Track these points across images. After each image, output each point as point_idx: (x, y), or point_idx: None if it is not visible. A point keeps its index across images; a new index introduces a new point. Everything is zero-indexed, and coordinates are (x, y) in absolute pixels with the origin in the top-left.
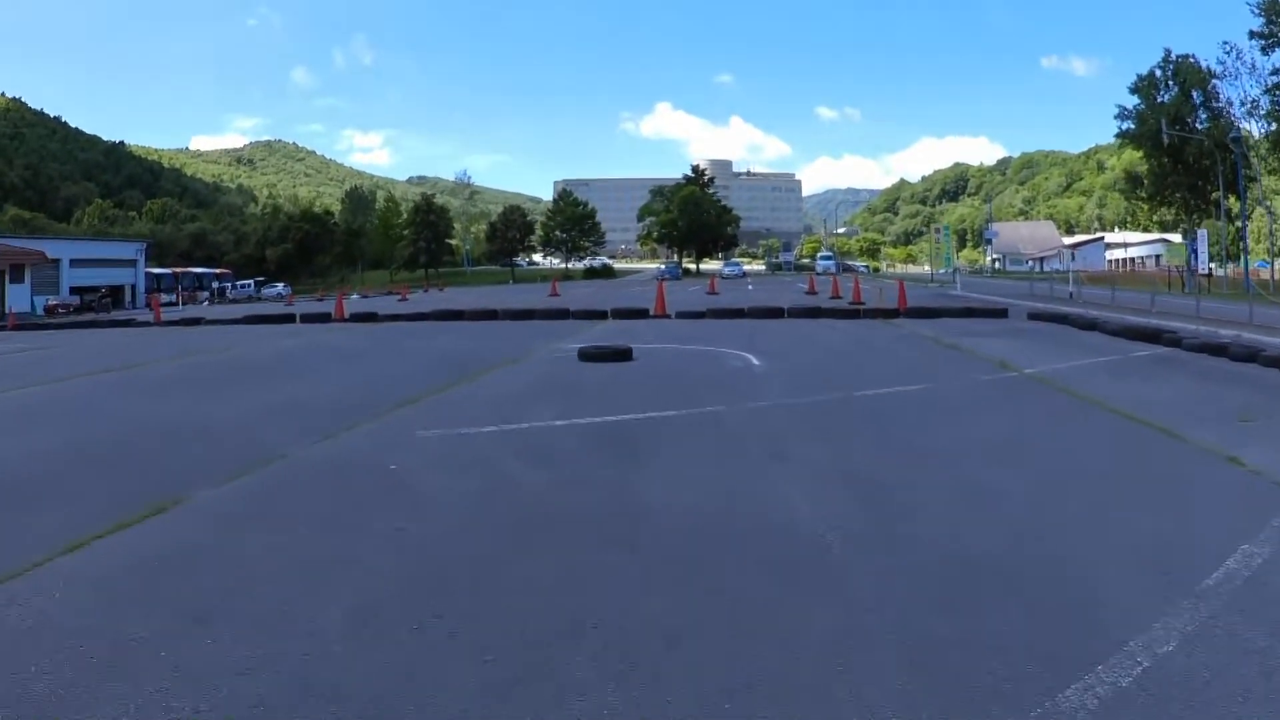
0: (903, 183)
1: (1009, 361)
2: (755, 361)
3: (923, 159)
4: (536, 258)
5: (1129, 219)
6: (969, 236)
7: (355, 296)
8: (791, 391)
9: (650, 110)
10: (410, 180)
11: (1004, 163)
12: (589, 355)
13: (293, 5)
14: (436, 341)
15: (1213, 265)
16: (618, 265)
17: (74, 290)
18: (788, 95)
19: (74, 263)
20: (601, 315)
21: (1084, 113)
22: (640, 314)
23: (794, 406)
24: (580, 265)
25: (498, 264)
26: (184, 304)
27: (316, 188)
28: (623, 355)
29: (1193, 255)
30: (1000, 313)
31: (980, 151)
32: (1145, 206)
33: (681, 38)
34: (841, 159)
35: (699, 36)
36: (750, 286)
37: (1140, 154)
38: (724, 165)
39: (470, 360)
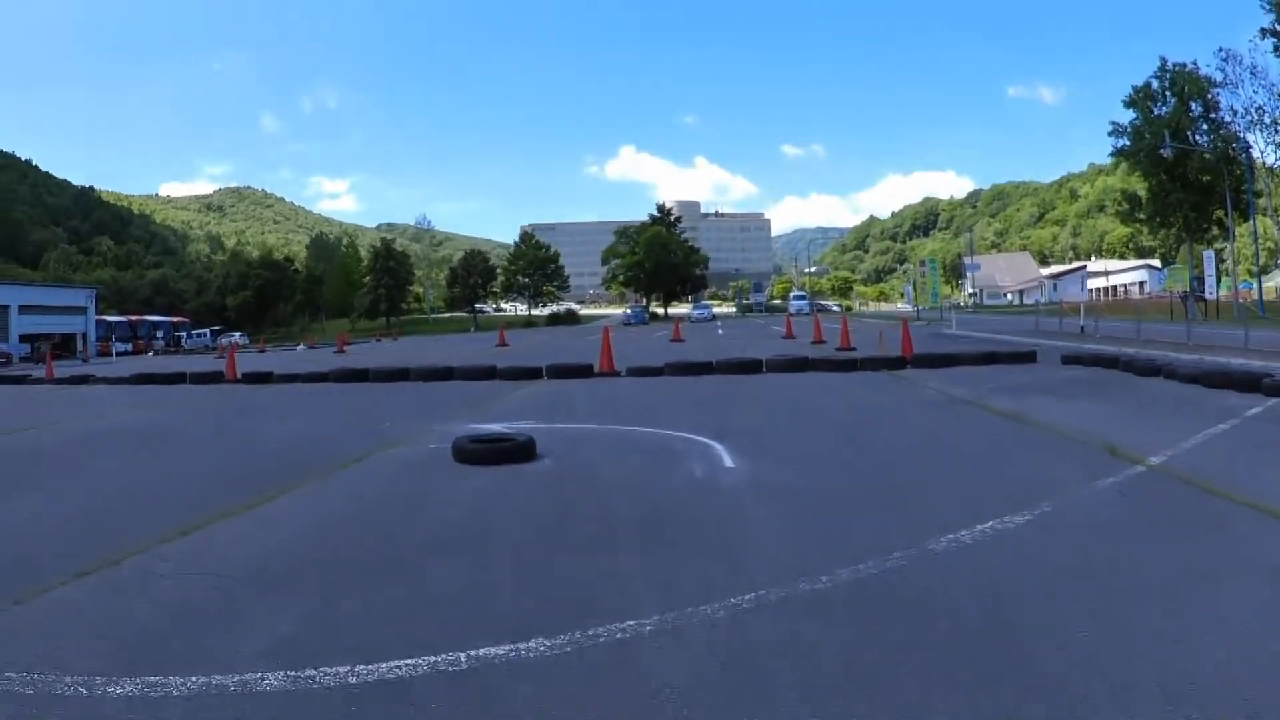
0: (872, 219)
1: (1113, 444)
2: (728, 461)
3: (890, 195)
4: (505, 305)
5: (1104, 246)
6: (943, 271)
7: (301, 347)
8: (801, 544)
9: (614, 154)
10: (379, 227)
11: (974, 195)
12: (468, 455)
13: (259, 49)
14: (287, 422)
15: (1199, 292)
16: (584, 310)
17: (24, 339)
18: (752, 134)
19: (23, 309)
20: (534, 374)
21: (1054, 142)
22: (583, 371)
23: (819, 603)
24: (545, 311)
25: (462, 310)
26: (139, 353)
27: (285, 234)
28: (519, 454)
29: (1195, 280)
30: (1028, 357)
31: (948, 185)
32: (1145, 229)
33: (644, 80)
34: (809, 198)
35: (662, 79)
36: (721, 331)
37: (1131, 174)
38: (691, 206)
39: (291, 461)
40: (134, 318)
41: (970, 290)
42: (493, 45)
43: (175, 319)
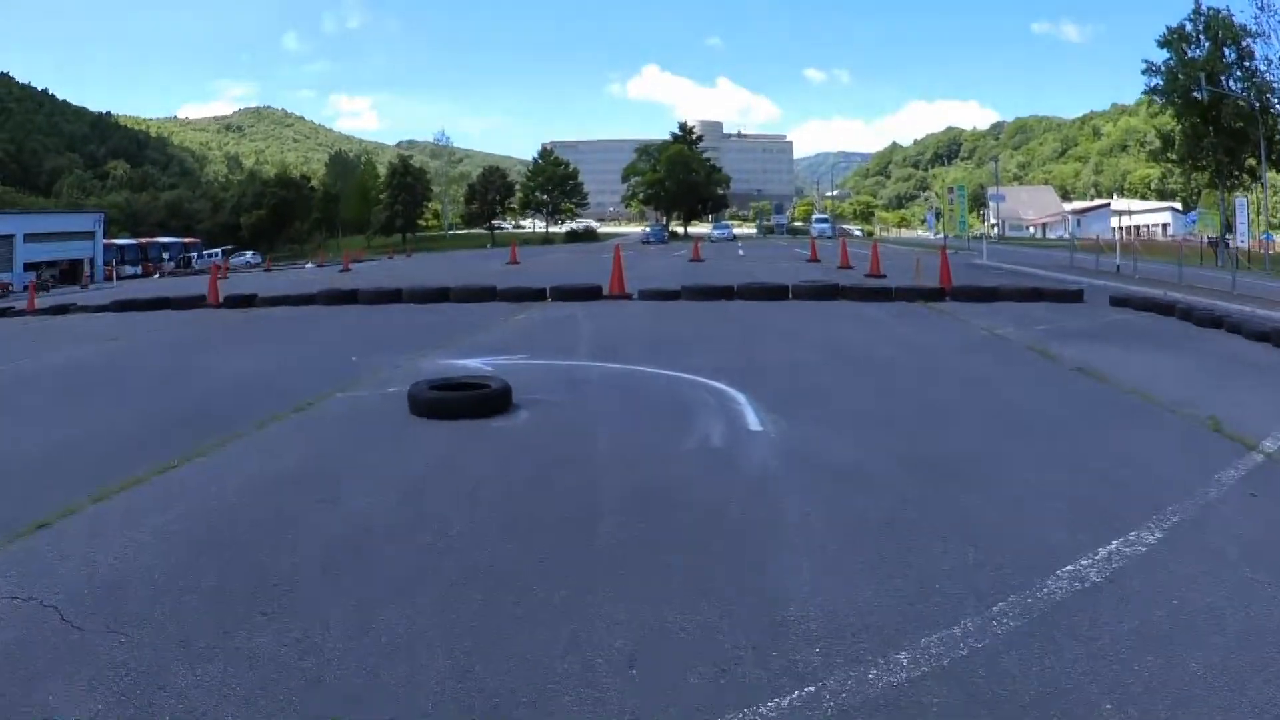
0: (895, 146)
1: (1213, 416)
2: (753, 421)
3: (914, 123)
4: (524, 222)
5: (1125, 186)
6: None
7: (310, 266)
8: (858, 580)
9: (637, 72)
10: (400, 144)
11: (997, 127)
12: (426, 406)
13: None
14: (248, 355)
15: (1229, 237)
16: (603, 228)
17: (29, 266)
18: (776, 57)
19: (29, 237)
20: (537, 296)
21: (1077, 79)
22: (591, 294)
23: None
24: (563, 229)
25: (480, 227)
26: (148, 275)
27: (305, 153)
28: (488, 405)
29: (1225, 226)
30: (1074, 296)
31: (971, 116)
32: (1177, 170)
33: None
34: (832, 121)
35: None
36: (741, 252)
37: (1161, 113)
38: (714, 126)
39: (224, 410)
40: (144, 240)
41: (993, 221)
42: None
43: (186, 240)
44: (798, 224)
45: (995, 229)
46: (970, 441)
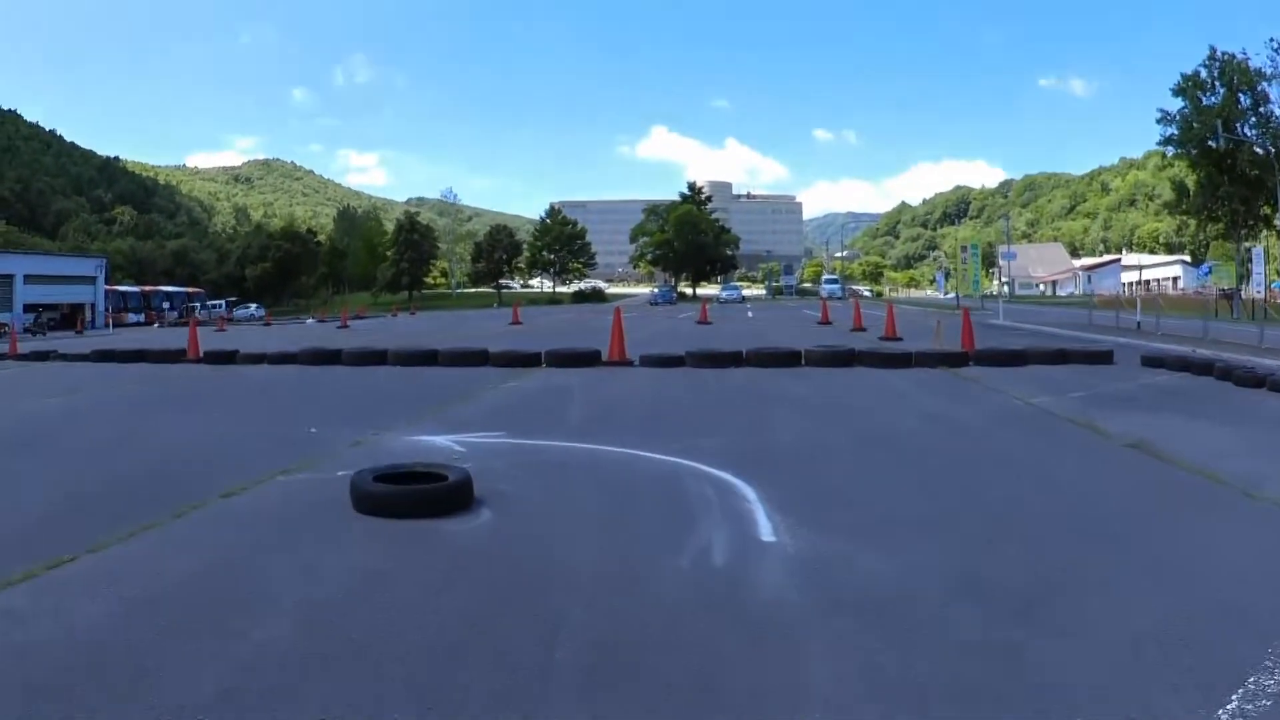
0: (904, 205)
1: None
2: (765, 527)
3: (921, 183)
4: (532, 281)
5: (1133, 240)
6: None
7: (311, 321)
8: None
9: (646, 134)
10: (409, 201)
11: (1006, 185)
12: (371, 501)
13: (289, 23)
14: (200, 420)
15: (1240, 288)
16: (611, 289)
17: (29, 308)
18: (784, 118)
19: (29, 279)
20: (531, 361)
21: (1085, 134)
22: (588, 359)
23: None
24: (571, 288)
25: (488, 286)
26: (150, 323)
27: (313, 207)
28: (443, 503)
29: (1242, 277)
30: (1103, 357)
31: (979, 175)
32: (1192, 221)
33: (676, 61)
34: (840, 183)
35: (694, 60)
36: (750, 314)
37: (1167, 167)
38: (723, 187)
39: (142, 491)
40: (147, 289)
41: (1003, 280)
42: (525, 23)
43: (190, 290)
44: (806, 285)
45: (1005, 287)
46: (1034, 555)
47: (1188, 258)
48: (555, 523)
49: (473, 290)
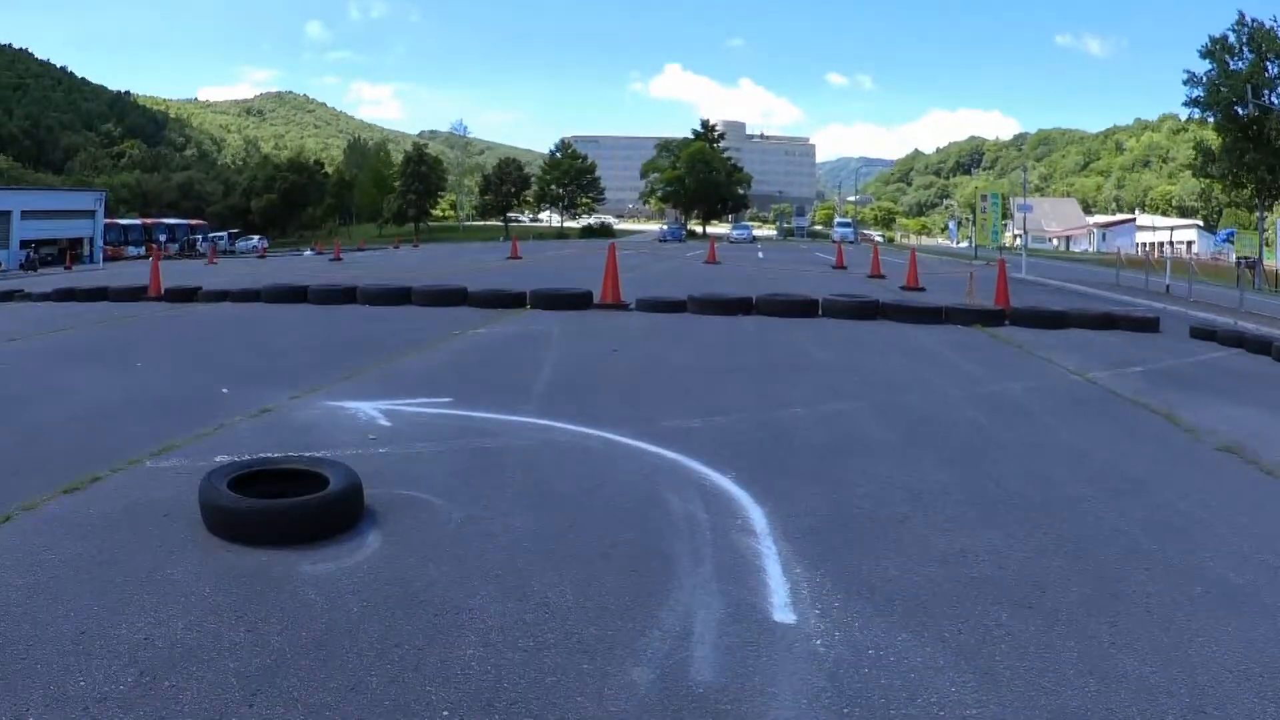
0: (917, 153)
1: None
2: (777, 586)
3: (935, 131)
4: (542, 215)
5: (1146, 202)
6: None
7: (308, 253)
8: None
9: (660, 71)
10: (421, 135)
11: (1020, 138)
12: (223, 519)
13: None
14: (115, 374)
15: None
16: (621, 225)
17: (25, 244)
18: (799, 60)
19: (26, 214)
20: (515, 302)
21: (1100, 93)
22: (579, 302)
23: None
24: (580, 224)
25: (495, 219)
26: (150, 257)
27: (325, 139)
28: (308, 524)
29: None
30: (1150, 325)
31: (994, 126)
32: (1218, 185)
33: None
34: (854, 127)
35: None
36: (761, 254)
37: (1201, 127)
38: (737, 127)
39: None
40: (148, 221)
41: (1017, 232)
42: None
43: (193, 222)
44: (818, 227)
45: (1019, 240)
46: (1184, 655)
47: (1200, 222)
48: (464, 565)
49: (480, 224)
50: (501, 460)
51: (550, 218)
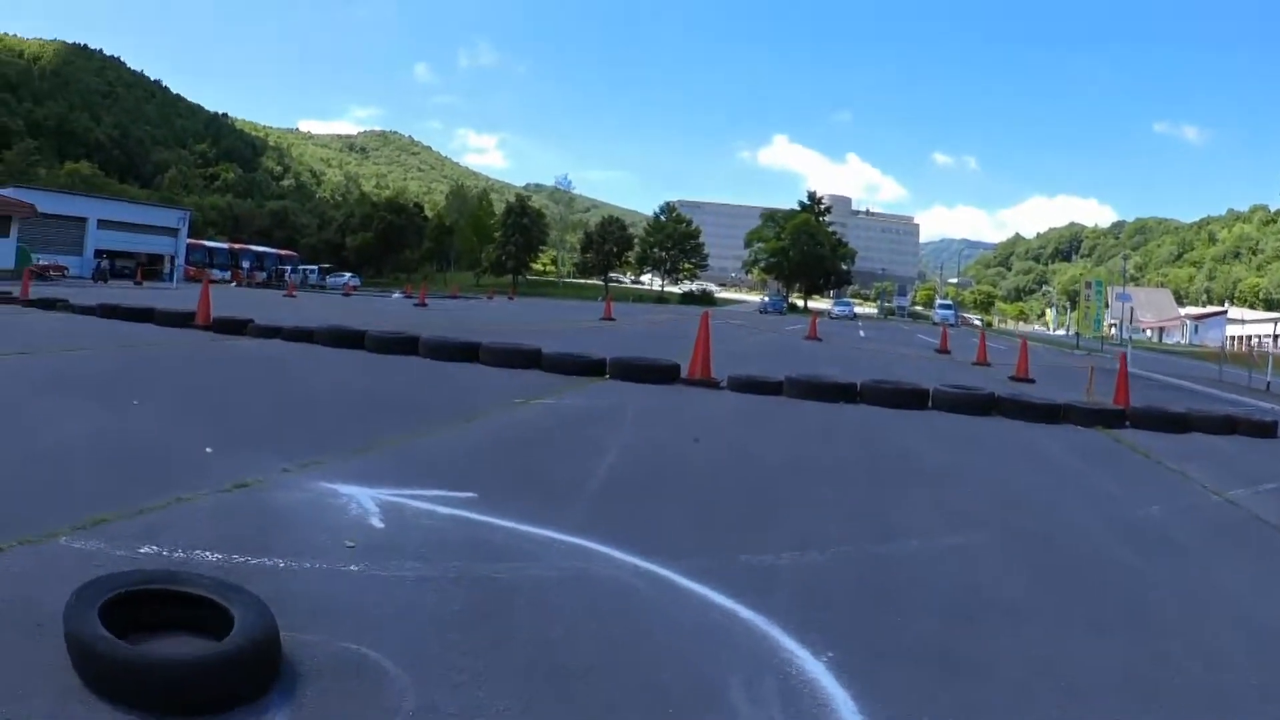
0: (1018, 237)
1: None
2: None
3: (1034, 217)
4: (643, 277)
5: (1235, 294)
6: (1079, 299)
7: (397, 295)
8: None
9: (768, 141)
10: (526, 187)
11: (1118, 226)
12: (94, 665)
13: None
14: (88, 420)
15: None
16: (721, 293)
17: (99, 254)
18: (906, 138)
19: (103, 224)
20: (593, 370)
21: (1195, 182)
22: (664, 375)
23: None
24: (679, 289)
25: (596, 278)
26: (237, 283)
27: (428, 184)
28: (192, 689)
29: None
30: (1269, 430)
31: (1090, 213)
32: None
33: (802, 71)
34: (956, 209)
35: (820, 71)
36: (862, 333)
37: None
38: (843, 201)
39: None
40: (235, 245)
41: (1111, 322)
42: (652, 20)
43: (283, 252)
44: (918, 308)
45: (1114, 330)
46: None
47: None
48: None
49: (580, 281)
50: (509, 603)
51: (651, 281)
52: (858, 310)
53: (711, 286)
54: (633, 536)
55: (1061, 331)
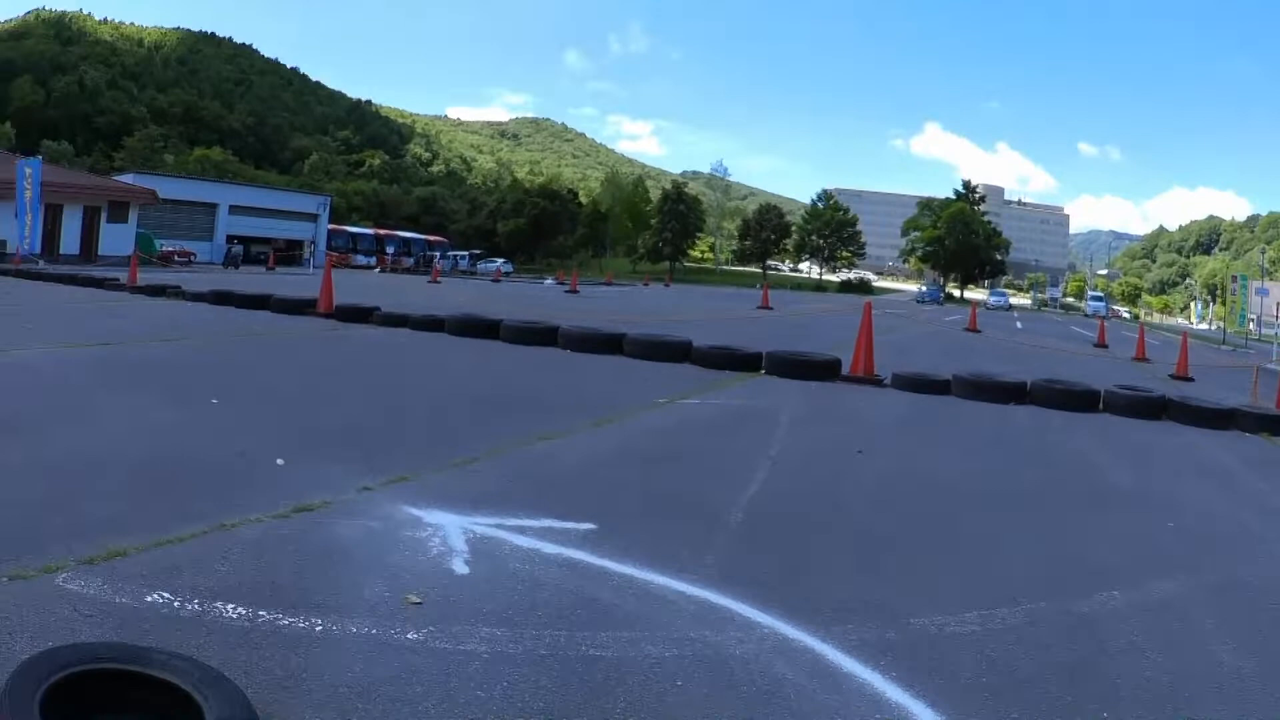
0: (1161, 229)
1: None
2: None
3: (1176, 208)
4: (802, 265)
5: None
6: (1219, 293)
7: (549, 282)
8: None
9: (920, 129)
10: (682, 174)
11: (1253, 220)
12: None
13: None
14: (150, 416)
15: None
16: (878, 282)
17: (231, 239)
18: (1053, 127)
19: (234, 209)
20: (747, 364)
21: None
22: (825, 371)
23: None
24: (837, 277)
25: (753, 265)
26: (383, 269)
27: (583, 170)
28: None
29: None
30: None
31: (1228, 205)
32: None
33: (955, 58)
34: (1103, 199)
35: (971, 58)
36: (1019, 324)
37: None
38: (995, 191)
39: None
40: (381, 231)
41: (1251, 316)
42: (803, 4)
43: (431, 238)
44: (1069, 300)
45: (1253, 325)
46: None
47: None
48: None
49: (737, 269)
50: (609, 699)
51: (809, 269)
52: (1011, 301)
53: (869, 275)
54: (780, 590)
55: (1205, 326)
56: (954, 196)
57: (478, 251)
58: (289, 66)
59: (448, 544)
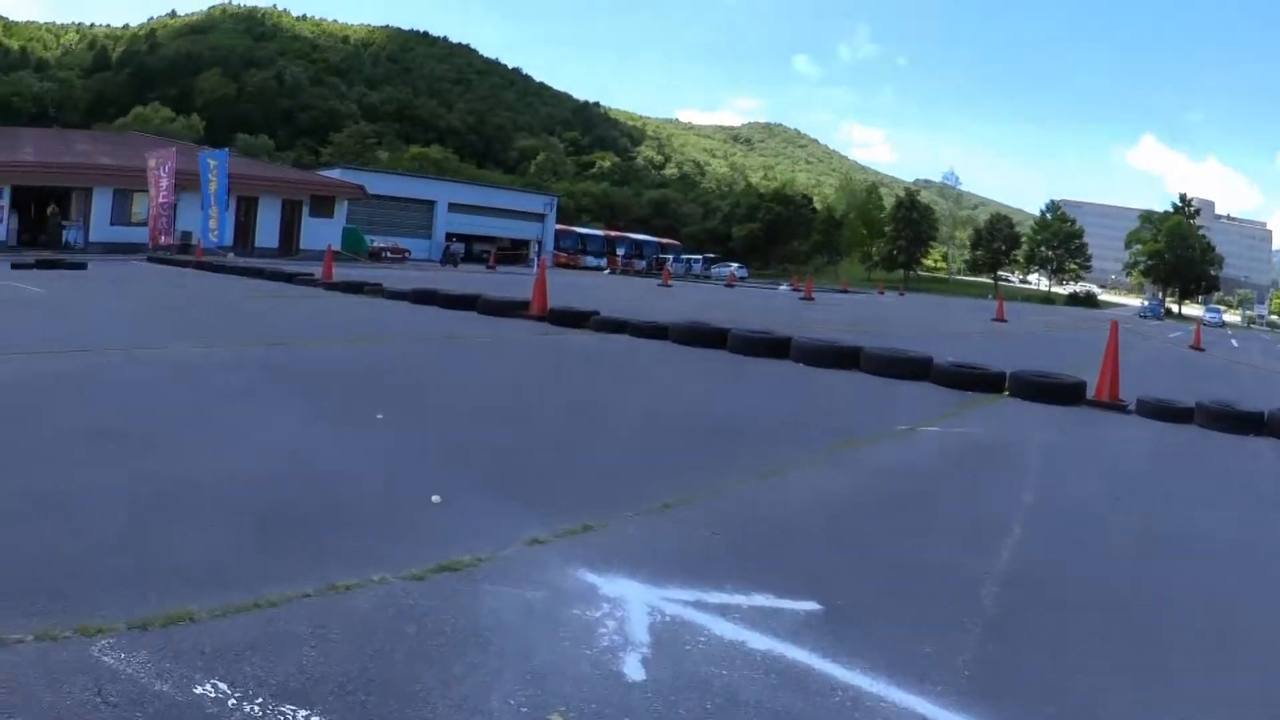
0: None
1: None
2: None
3: None
4: (1031, 277)
5: None
6: None
7: (784, 288)
8: None
9: (1135, 141)
10: (915, 182)
11: None
12: None
13: None
14: (289, 429)
15: None
16: (1101, 295)
17: (451, 237)
18: (1256, 140)
19: (454, 207)
20: (989, 385)
21: None
22: (1070, 394)
23: None
24: (1063, 289)
25: (984, 276)
26: (613, 271)
27: (817, 176)
28: None
29: None
30: None
31: None
32: None
33: (1167, 69)
34: None
35: (1181, 70)
36: (1235, 342)
37: None
38: (1207, 205)
39: None
40: (611, 233)
41: None
42: (1026, 13)
43: (664, 241)
44: (1273, 317)
45: None
46: None
47: None
48: None
49: (969, 279)
50: None
51: (1037, 280)
52: (1225, 318)
53: (1093, 288)
54: (1046, 709)
55: None
56: (1172, 209)
57: (711, 255)
58: (509, 67)
59: (624, 630)
